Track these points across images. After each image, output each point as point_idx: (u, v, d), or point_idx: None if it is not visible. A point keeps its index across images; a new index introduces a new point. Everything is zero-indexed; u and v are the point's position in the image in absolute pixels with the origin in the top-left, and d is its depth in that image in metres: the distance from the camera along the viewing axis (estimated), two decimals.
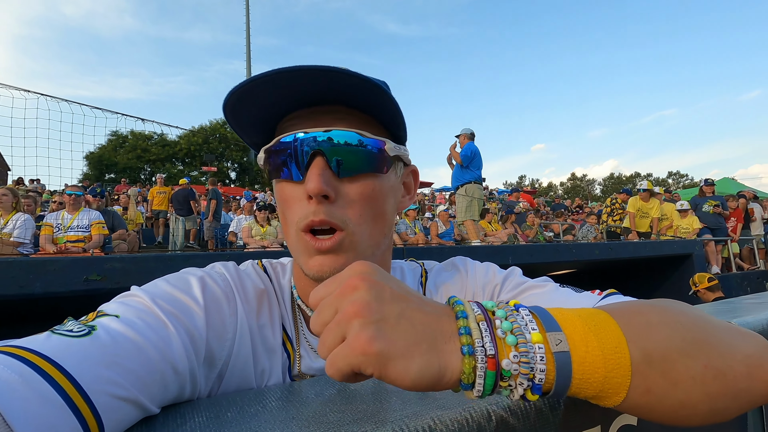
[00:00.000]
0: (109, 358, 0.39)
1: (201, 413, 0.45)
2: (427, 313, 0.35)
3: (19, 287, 2.61)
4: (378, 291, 0.34)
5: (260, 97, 0.50)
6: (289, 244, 0.55)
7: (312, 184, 0.49)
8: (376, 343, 0.32)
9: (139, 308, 0.47)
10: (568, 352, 0.34)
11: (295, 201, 0.53)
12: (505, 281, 0.64)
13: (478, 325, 0.34)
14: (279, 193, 0.56)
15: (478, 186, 5.60)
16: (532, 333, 0.34)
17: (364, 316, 0.32)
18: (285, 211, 0.55)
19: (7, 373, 0.33)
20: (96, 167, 29.90)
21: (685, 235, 6.78)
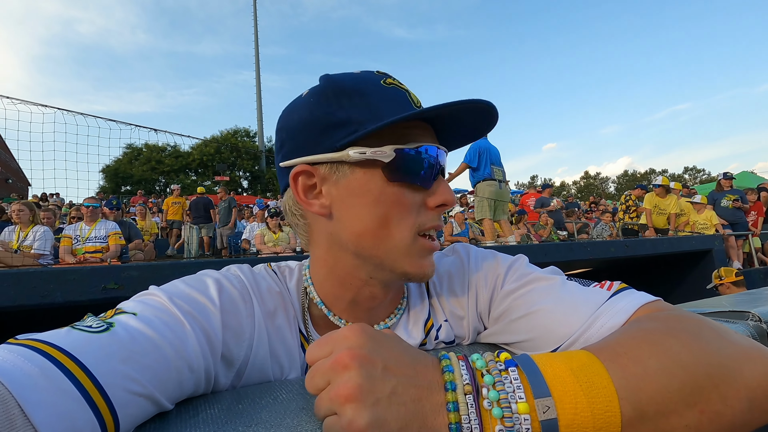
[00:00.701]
0: (126, 354, 0.40)
1: (213, 406, 0.45)
2: (418, 387, 0.36)
3: (40, 297, 2.67)
4: (369, 370, 0.36)
5: (392, 109, 0.54)
6: (393, 245, 0.54)
7: (450, 196, 0.56)
8: (371, 431, 0.33)
9: (157, 307, 0.47)
10: (556, 419, 0.35)
11: (415, 206, 0.55)
12: (509, 271, 0.63)
13: (465, 399, 0.35)
14: (396, 196, 0.54)
15: (488, 183, 5.51)
16: (518, 403, 0.35)
17: (356, 401, 0.34)
18: (399, 214, 0.54)
19: (27, 366, 0.34)
20: (112, 180, 30.49)
21: (703, 231, 6.62)
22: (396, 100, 0.55)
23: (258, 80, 29.93)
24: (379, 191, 0.53)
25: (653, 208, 6.85)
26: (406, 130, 0.54)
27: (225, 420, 0.41)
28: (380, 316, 0.63)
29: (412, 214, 0.54)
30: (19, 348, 0.36)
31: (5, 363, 0.34)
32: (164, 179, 31.99)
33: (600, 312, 0.51)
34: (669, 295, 5.93)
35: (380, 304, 0.62)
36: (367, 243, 0.55)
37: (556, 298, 0.56)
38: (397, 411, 0.35)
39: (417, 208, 0.55)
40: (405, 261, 0.55)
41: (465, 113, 0.55)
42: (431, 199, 0.55)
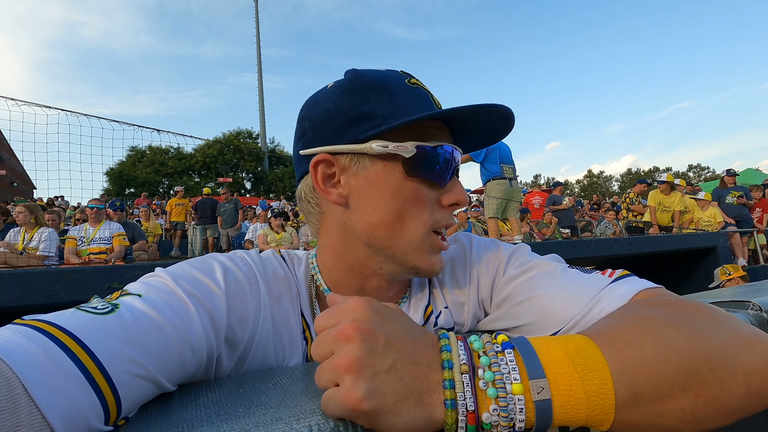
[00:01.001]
0: (130, 336, 0.40)
1: (214, 390, 0.46)
2: (417, 364, 0.37)
3: (45, 297, 2.69)
4: (370, 344, 0.36)
5: (418, 107, 0.56)
6: (407, 239, 0.56)
7: (463, 195, 0.58)
8: (366, 402, 0.34)
9: (162, 288, 0.48)
10: (550, 400, 0.35)
11: (429, 203, 0.57)
12: (511, 257, 0.63)
13: (461, 378, 0.36)
14: (414, 191, 0.55)
15: (498, 182, 5.48)
16: (513, 384, 0.35)
17: (356, 372, 0.34)
18: (414, 209, 0.56)
19: (31, 347, 0.35)
20: (116, 182, 30.65)
21: (707, 228, 6.59)
22: (419, 99, 0.57)
23: (260, 82, 30.04)
24: (398, 185, 0.55)
25: (657, 205, 6.81)
26: (427, 128, 0.56)
27: (226, 403, 0.41)
28: None
29: (427, 210, 0.56)
30: (23, 328, 0.36)
31: (9, 343, 0.34)
32: (168, 181, 32.14)
33: (600, 296, 0.52)
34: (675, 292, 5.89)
35: (384, 296, 0.62)
36: (380, 234, 0.56)
37: (558, 284, 0.56)
38: (394, 386, 0.35)
39: (432, 204, 0.57)
40: (416, 255, 0.56)
41: (484, 116, 0.57)
42: (446, 197, 0.57)
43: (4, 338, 0.35)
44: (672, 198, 6.80)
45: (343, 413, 0.35)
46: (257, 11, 30.64)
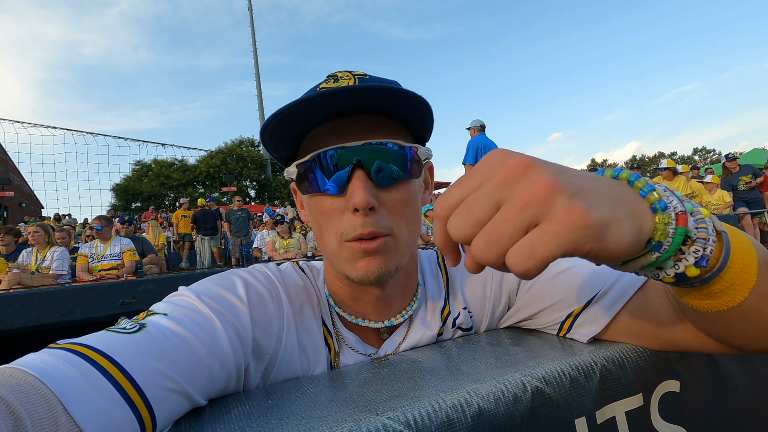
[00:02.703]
0: (159, 353, 0.42)
1: (243, 402, 0.47)
2: (610, 179, 0.33)
3: (61, 315, 2.73)
4: (556, 167, 0.31)
5: (293, 116, 0.51)
6: (329, 254, 0.56)
7: (359, 198, 0.50)
8: (594, 212, 0.28)
9: (187, 306, 0.49)
10: (727, 232, 0.35)
11: (336, 214, 0.54)
12: None
13: (664, 193, 0.33)
14: (316, 206, 0.55)
15: None
16: (701, 209, 0.34)
17: (563, 190, 0.28)
18: (324, 223, 0.55)
19: (67, 368, 0.36)
20: (122, 197, 30.97)
21: (716, 211, 6.53)
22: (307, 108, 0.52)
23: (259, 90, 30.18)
24: (307, 203, 0.58)
25: None
26: (315, 139, 0.54)
27: (257, 415, 0.42)
28: (391, 311, 0.64)
29: (335, 222, 0.54)
30: (58, 351, 0.38)
31: (47, 366, 0.36)
32: (173, 194, 32.35)
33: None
34: None
35: (384, 301, 0.62)
36: (320, 247, 0.59)
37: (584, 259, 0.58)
38: (606, 197, 0.30)
39: (339, 213, 0.54)
40: (342, 265, 0.55)
41: (363, 99, 0.50)
42: (348, 204, 0.52)
43: (42, 361, 0.37)
44: (676, 183, 6.76)
45: (567, 239, 0.28)
46: (252, 20, 30.83)
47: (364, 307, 0.62)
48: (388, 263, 0.54)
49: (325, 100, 0.49)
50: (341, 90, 0.48)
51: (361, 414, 0.40)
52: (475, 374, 0.47)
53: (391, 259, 0.54)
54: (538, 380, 0.46)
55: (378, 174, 0.52)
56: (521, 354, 0.54)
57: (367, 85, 0.48)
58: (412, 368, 0.53)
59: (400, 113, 0.54)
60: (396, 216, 0.54)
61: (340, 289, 0.62)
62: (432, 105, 0.55)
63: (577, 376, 0.49)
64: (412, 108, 0.53)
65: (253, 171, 33.70)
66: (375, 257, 0.53)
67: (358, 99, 0.50)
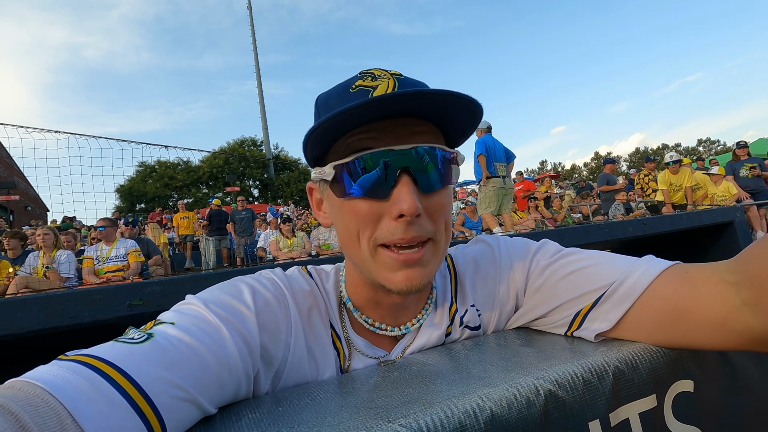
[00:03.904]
0: (168, 362, 0.42)
1: (254, 410, 0.46)
2: None
3: (69, 318, 2.73)
4: None
5: (339, 117, 0.47)
6: (360, 260, 0.55)
7: (407, 204, 0.48)
8: None
9: (194, 315, 0.49)
10: None
11: (374, 219, 0.52)
12: (541, 248, 0.66)
13: None
14: (351, 209, 0.53)
15: (494, 180, 5.61)
16: None
17: None
18: (357, 227, 0.53)
19: (77, 379, 0.36)
20: (127, 199, 31.08)
21: (722, 203, 6.48)
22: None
23: (260, 89, 30.18)
24: (340, 206, 0.55)
25: (668, 186, 6.76)
26: (353, 138, 0.51)
27: (267, 423, 0.42)
28: (408, 315, 0.64)
29: (371, 226, 0.52)
30: (68, 363, 0.38)
31: (56, 378, 0.36)
32: (177, 194, 32.44)
33: (635, 267, 0.55)
34: None
35: (404, 304, 0.62)
36: (348, 252, 0.57)
37: (592, 260, 0.60)
38: None
39: (377, 219, 0.52)
40: (375, 272, 0.54)
41: (443, 105, 0.49)
42: (391, 209, 0.50)
43: (51, 373, 0.37)
44: (681, 176, 6.74)
45: None
46: (252, 20, 30.80)
47: (383, 312, 0.62)
48: (429, 273, 0.54)
49: (380, 104, 0.46)
50: (401, 95, 0.45)
51: (373, 421, 0.39)
52: (487, 378, 0.47)
53: (432, 267, 0.54)
54: (551, 383, 0.46)
55: (423, 179, 0.51)
56: (532, 356, 0.53)
57: (432, 90, 0.45)
58: (421, 372, 0.52)
59: (443, 117, 0.52)
60: (438, 221, 0.53)
61: (362, 293, 0.61)
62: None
63: (590, 378, 0.48)
64: (467, 115, 0.51)
65: (255, 170, 33.75)
66: (416, 268, 0.52)
67: (413, 103, 0.48)
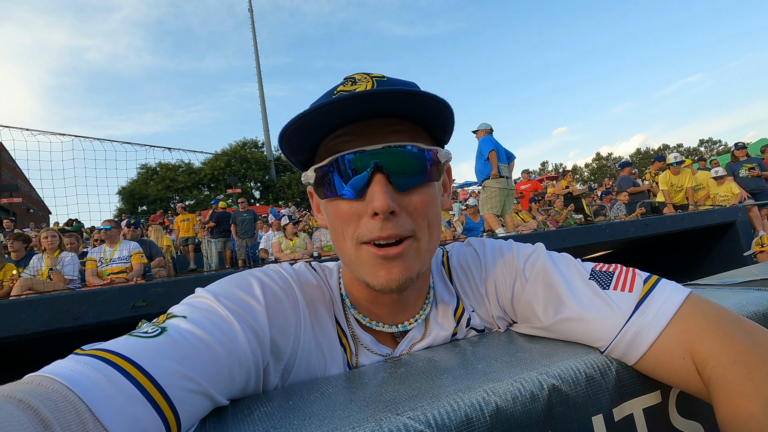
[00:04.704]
0: (181, 355, 0.43)
1: (265, 404, 0.47)
2: None
3: (73, 319, 2.76)
4: None
5: (310, 121, 0.51)
6: (347, 258, 0.56)
7: (378, 202, 0.50)
8: None
9: (205, 308, 0.50)
10: None
11: (354, 218, 0.53)
12: (526, 264, 0.63)
13: None
14: (334, 211, 0.55)
15: (497, 181, 5.61)
16: None
17: None
18: (341, 227, 0.55)
19: (94, 374, 0.37)
20: (129, 201, 31.15)
21: (725, 203, 6.47)
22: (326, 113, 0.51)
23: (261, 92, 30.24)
24: (325, 207, 0.58)
25: (670, 187, 6.77)
26: (332, 143, 0.54)
27: (279, 416, 0.43)
28: (406, 314, 0.64)
29: (352, 225, 0.54)
30: (84, 358, 0.39)
31: (74, 373, 0.37)
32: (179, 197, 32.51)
33: (630, 323, 0.51)
34: (695, 270, 5.80)
35: (400, 303, 0.62)
36: (337, 251, 0.58)
37: (582, 306, 0.55)
38: None
39: (357, 218, 0.53)
40: (360, 270, 0.55)
41: (382, 102, 0.50)
42: (367, 208, 0.52)
43: (69, 368, 0.38)
44: (682, 176, 6.74)
45: None
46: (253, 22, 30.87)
47: (380, 310, 0.63)
48: (410, 270, 0.54)
49: (343, 105, 0.48)
50: (359, 95, 0.47)
51: (382, 414, 0.40)
52: (492, 373, 0.48)
53: (413, 264, 0.54)
54: (555, 378, 0.47)
55: (397, 177, 0.52)
56: (536, 352, 0.54)
57: (385, 89, 0.47)
58: (428, 367, 0.53)
59: (420, 116, 0.53)
60: (418, 219, 0.54)
61: (357, 292, 0.62)
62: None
63: (593, 374, 0.49)
64: (432, 111, 0.52)
65: (257, 172, 33.79)
66: (396, 264, 0.53)
67: (377, 103, 0.50)
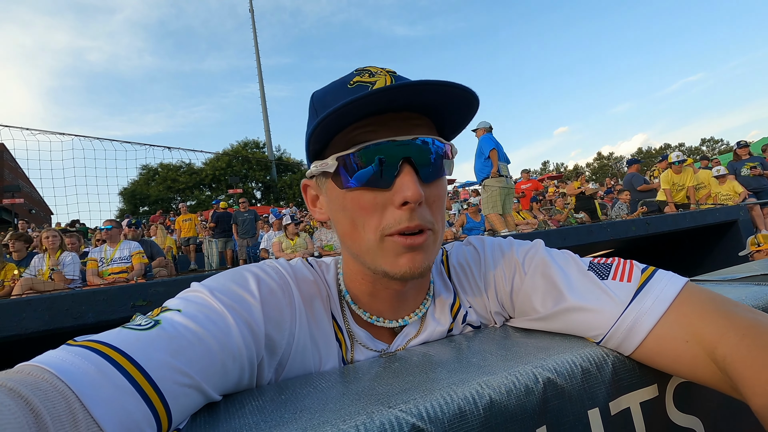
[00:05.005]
0: (174, 348, 0.42)
1: (257, 398, 0.47)
2: None
3: (74, 319, 2.76)
4: None
5: (345, 110, 0.49)
6: (364, 249, 0.55)
7: (411, 191, 0.50)
8: None
9: (200, 302, 0.50)
10: None
11: (378, 209, 0.53)
12: (525, 259, 0.63)
13: None
14: (355, 201, 0.54)
15: (496, 179, 5.58)
16: None
17: None
18: (362, 218, 0.54)
19: (84, 364, 0.37)
20: (130, 202, 31.19)
21: (726, 202, 6.46)
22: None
23: (262, 92, 30.29)
24: (342, 198, 0.55)
25: (671, 186, 6.75)
26: (355, 132, 0.53)
27: (270, 409, 0.43)
28: (406, 309, 0.64)
29: (375, 216, 0.53)
30: (76, 348, 0.39)
31: (65, 363, 0.37)
32: (180, 197, 32.56)
33: (628, 312, 0.51)
34: (697, 269, 5.78)
35: (401, 297, 0.62)
36: (348, 244, 0.57)
37: (581, 295, 0.56)
38: None
39: (381, 208, 0.53)
40: (380, 260, 0.54)
41: (438, 96, 0.50)
42: (394, 198, 0.52)
43: (59, 358, 0.37)
44: (683, 175, 6.72)
45: None
46: (254, 22, 30.92)
47: (380, 304, 0.62)
48: (429, 258, 0.55)
49: (388, 95, 0.48)
50: (404, 85, 0.47)
51: (374, 407, 0.40)
52: (486, 366, 0.48)
53: (432, 254, 0.55)
54: (550, 372, 0.46)
55: (423, 169, 0.53)
56: (531, 346, 0.54)
57: (432, 81, 0.47)
58: (422, 362, 0.53)
59: (438, 111, 0.54)
60: (436, 211, 0.55)
61: (359, 285, 0.62)
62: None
63: (588, 367, 0.48)
64: (465, 108, 0.53)
65: (258, 172, 33.82)
66: (418, 252, 0.54)
67: (416, 95, 0.49)
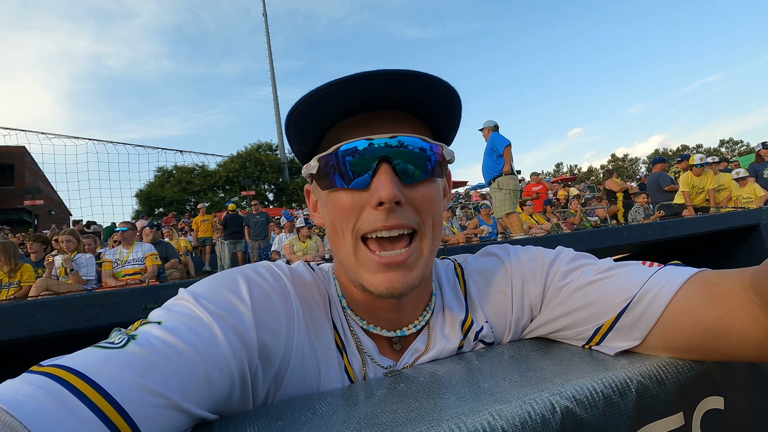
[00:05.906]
0: (146, 367, 0.39)
1: (253, 423, 0.44)
2: None
3: (86, 320, 2.78)
4: None
5: (318, 105, 0.49)
6: (344, 256, 0.53)
7: (385, 191, 0.48)
8: None
9: (183, 312, 0.47)
10: None
11: (356, 210, 0.51)
12: (557, 258, 0.62)
13: None
14: (334, 202, 0.53)
15: (510, 177, 5.43)
16: None
17: None
18: (341, 220, 0.52)
19: (41, 395, 0.34)
20: (146, 203, 31.74)
21: (748, 205, 6.27)
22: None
23: (275, 95, 30.57)
24: (325, 200, 0.55)
25: (691, 188, 6.58)
26: (339, 133, 0.52)
27: None
28: (404, 319, 0.61)
29: (353, 217, 0.51)
30: (35, 377, 0.36)
31: (18, 394, 0.34)
32: (194, 199, 32.98)
33: (657, 277, 0.51)
34: None
35: (397, 309, 0.59)
36: (334, 249, 0.56)
37: (611, 270, 0.56)
38: None
39: (358, 210, 0.51)
40: (357, 272, 0.53)
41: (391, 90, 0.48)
42: (371, 198, 0.50)
43: (14, 389, 0.35)
44: (704, 178, 6.55)
45: None
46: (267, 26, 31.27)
47: (378, 314, 0.60)
48: (414, 275, 0.52)
49: (352, 83, 0.46)
50: (372, 73, 0.45)
51: None
52: (499, 393, 0.44)
53: (418, 269, 0.52)
54: (568, 400, 0.43)
55: (404, 169, 0.50)
56: (548, 369, 0.50)
57: (398, 69, 0.45)
58: (430, 384, 0.50)
59: (428, 107, 0.52)
60: (424, 213, 0.52)
61: (354, 294, 0.59)
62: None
63: (610, 394, 0.45)
64: (442, 100, 0.51)
65: (271, 174, 34.09)
66: (398, 271, 0.51)
67: (388, 86, 0.48)
